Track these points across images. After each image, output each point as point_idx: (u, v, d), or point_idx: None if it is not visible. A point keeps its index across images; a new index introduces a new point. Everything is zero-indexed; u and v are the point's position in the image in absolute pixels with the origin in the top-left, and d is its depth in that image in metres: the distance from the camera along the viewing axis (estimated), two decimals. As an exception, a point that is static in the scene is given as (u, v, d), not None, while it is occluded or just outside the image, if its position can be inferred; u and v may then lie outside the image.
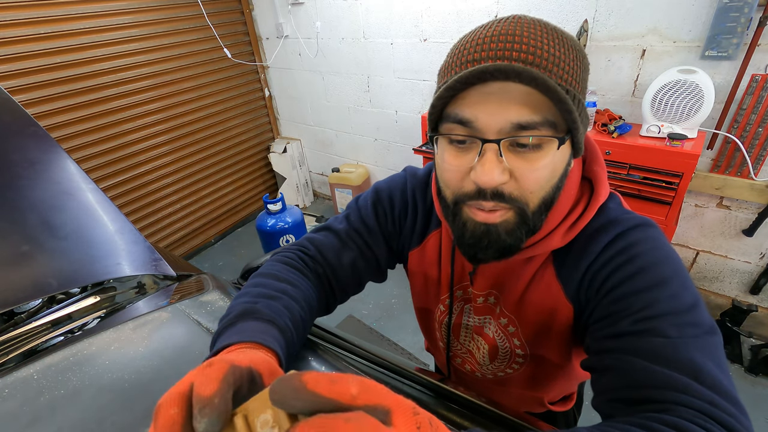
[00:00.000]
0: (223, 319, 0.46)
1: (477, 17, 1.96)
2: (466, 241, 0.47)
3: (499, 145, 0.41)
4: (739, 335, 1.78)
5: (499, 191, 0.43)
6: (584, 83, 0.43)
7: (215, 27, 2.56)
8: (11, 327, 0.70)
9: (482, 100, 0.40)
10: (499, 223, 0.45)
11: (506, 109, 0.40)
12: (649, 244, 0.45)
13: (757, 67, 1.42)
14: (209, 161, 2.85)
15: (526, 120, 0.39)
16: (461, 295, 0.63)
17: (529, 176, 0.42)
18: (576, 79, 0.41)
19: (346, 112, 2.79)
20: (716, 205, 1.73)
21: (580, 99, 0.42)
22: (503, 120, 0.40)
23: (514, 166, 0.42)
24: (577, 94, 0.41)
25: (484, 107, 0.40)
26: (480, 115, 0.41)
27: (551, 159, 0.42)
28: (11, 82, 1.89)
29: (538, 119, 0.40)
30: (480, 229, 0.46)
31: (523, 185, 0.43)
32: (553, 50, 0.40)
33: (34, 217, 0.78)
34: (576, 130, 0.41)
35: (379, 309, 2.23)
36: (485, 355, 0.65)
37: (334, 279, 0.62)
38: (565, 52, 0.40)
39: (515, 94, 0.39)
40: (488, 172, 0.41)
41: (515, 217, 0.45)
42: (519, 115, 0.39)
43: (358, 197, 0.67)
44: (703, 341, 0.40)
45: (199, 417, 0.23)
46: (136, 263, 0.80)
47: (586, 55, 0.45)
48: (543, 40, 0.40)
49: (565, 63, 0.40)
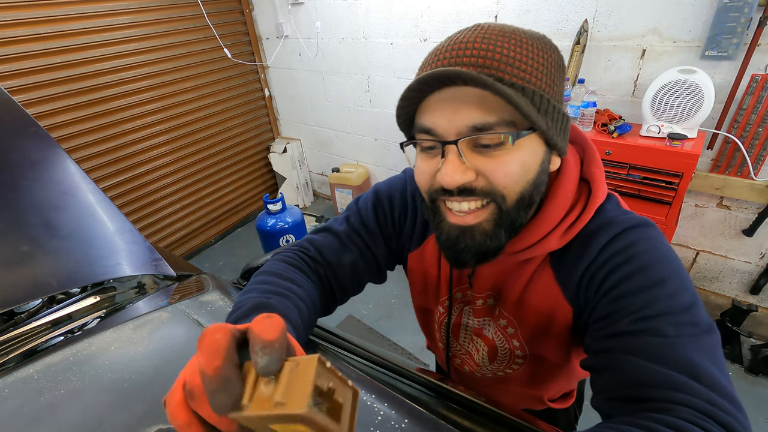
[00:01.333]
0: (233, 312, 0.46)
1: (477, 17, 1.96)
2: (443, 243, 0.48)
3: (457, 146, 0.42)
4: (739, 335, 1.78)
5: (468, 188, 0.44)
6: (552, 79, 0.43)
7: (215, 27, 2.56)
8: (11, 327, 0.70)
9: (439, 107, 0.43)
10: (474, 225, 0.45)
11: (461, 112, 0.41)
12: (648, 243, 0.45)
13: (757, 67, 1.42)
14: (209, 161, 2.85)
15: (480, 122, 0.41)
16: (461, 297, 0.63)
17: (497, 173, 0.43)
18: (538, 76, 0.42)
19: (346, 112, 2.79)
20: (716, 205, 1.73)
21: (543, 95, 0.42)
22: (460, 123, 0.42)
23: (480, 165, 0.43)
24: (539, 91, 0.41)
25: (441, 113, 0.43)
26: (438, 120, 0.43)
27: (517, 155, 0.43)
28: (11, 82, 1.89)
29: (493, 120, 0.41)
30: (455, 232, 0.46)
31: (493, 182, 0.44)
32: (507, 51, 0.41)
33: (34, 217, 0.78)
34: (538, 126, 0.41)
35: (379, 309, 2.23)
36: (484, 356, 0.65)
37: (334, 280, 0.62)
38: (523, 51, 0.41)
39: (469, 98, 0.41)
40: (449, 173, 0.42)
41: (491, 216, 0.45)
42: (473, 118, 0.41)
43: (358, 199, 0.67)
44: (701, 340, 0.40)
45: (261, 353, 0.23)
46: (136, 263, 0.80)
47: (557, 50, 0.45)
48: (497, 43, 0.41)
49: (522, 62, 0.41)
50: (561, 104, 0.45)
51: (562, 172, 0.51)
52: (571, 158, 0.52)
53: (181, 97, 2.57)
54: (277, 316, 0.25)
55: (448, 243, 0.47)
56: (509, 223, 0.46)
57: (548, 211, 0.49)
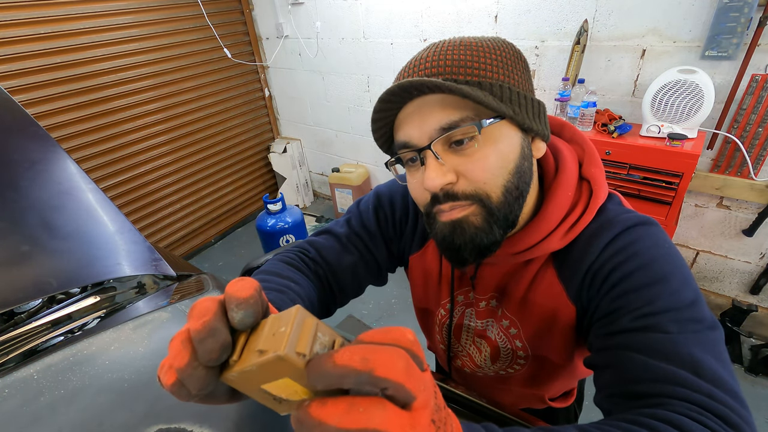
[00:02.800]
0: None
1: (477, 17, 1.96)
2: (441, 245, 0.49)
3: (431, 150, 0.44)
4: (739, 335, 1.78)
5: (450, 192, 0.45)
6: (510, 71, 0.45)
7: (215, 27, 2.56)
8: (11, 327, 0.70)
9: (408, 119, 0.45)
10: (462, 218, 0.45)
11: (428, 119, 0.44)
12: (650, 241, 0.45)
13: (757, 67, 1.42)
14: (209, 161, 2.85)
15: (446, 121, 0.43)
16: (462, 299, 0.63)
17: (475, 168, 0.44)
18: (493, 70, 0.43)
19: (346, 112, 2.79)
20: (716, 205, 1.73)
21: (502, 85, 0.44)
22: (429, 129, 0.44)
23: (457, 165, 0.45)
24: (497, 82, 0.43)
25: (411, 124, 0.45)
26: (410, 131, 0.45)
27: (493, 148, 0.44)
28: (11, 82, 1.89)
29: (457, 117, 0.43)
30: (447, 229, 0.47)
31: (473, 178, 0.44)
32: (457, 56, 0.43)
33: (34, 217, 0.77)
34: (502, 112, 0.43)
35: (379, 309, 2.23)
36: (486, 357, 0.65)
37: (334, 281, 0.62)
38: (473, 53, 0.44)
39: (432, 103, 0.44)
40: (431, 176, 0.44)
41: (480, 211, 0.45)
42: (440, 120, 0.43)
43: (359, 201, 0.67)
44: (703, 336, 0.40)
45: (236, 310, 0.24)
46: (136, 263, 0.80)
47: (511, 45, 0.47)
48: (448, 51, 0.44)
49: (473, 61, 0.43)
50: (528, 92, 0.46)
51: (561, 171, 0.51)
52: (569, 158, 0.52)
53: (181, 97, 2.57)
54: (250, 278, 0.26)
55: (445, 243, 0.47)
56: (503, 218, 0.46)
57: (548, 212, 0.49)
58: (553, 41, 1.79)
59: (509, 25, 1.88)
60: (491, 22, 1.93)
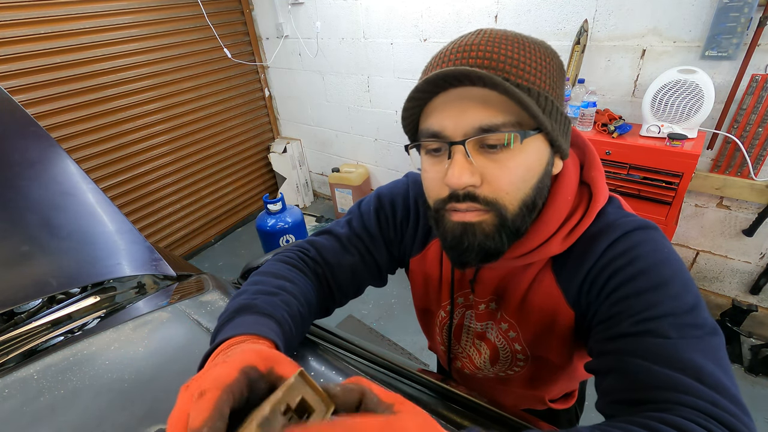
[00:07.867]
0: (222, 315, 0.47)
1: (477, 17, 1.96)
2: (447, 243, 0.48)
3: (464, 146, 0.42)
4: (739, 335, 1.78)
5: (471, 194, 0.44)
6: (554, 82, 0.44)
7: (215, 27, 2.56)
8: (11, 327, 0.70)
9: (445, 108, 0.43)
10: (476, 222, 0.45)
11: (468, 113, 0.41)
12: (650, 246, 0.45)
13: (757, 67, 1.42)
14: (209, 161, 2.85)
15: (487, 123, 0.41)
16: (462, 302, 0.63)
17: (502, 177, 0.43)
18: (541, 78, 0.42)
19: (346, 112, 2.79)
20: (716, 205, 1.73)
21: (548, 96, 0.42)
22: (466, 124, 0.42)
23: (485, 168, 0.43)
24: (543, 92, 0.42)
25: (448, 114, 0.42)
26: (445, 122, 0.43)
27: (523, 158, 0.43)
28: (11, 82, 1.89)
29: (499, 121, 0.41)
30: (458, 229, 0.46)
31: (496, 186, 0.43)
32: (511, 53, 0.41)
33: (34, 217, 0.78)
34: (544, 126, 0.41)
35: (379, 309, 2.23)
36: (486, 360, 0.65)
37: (334, 281, 0.62)
38: (526, 54, 0.42)
39: (475, 99, 0.41)
40: (456, 174, 0.42)
41: (494, 220, 0.45)
42: (481, 119, 0.41)
43: (361, 202, 0.67)
44: (704, 342, 0.40)
45: None
46: (136, 263, 0.80)
47: (558, 56, 0.46)
48: (501, 45, 0.41)
49: (526, 64, 0.41)
50: (563, 107, 0.45)
51: (561, 176, 0.51)
52: (570, 162, 0.52)
53: (181, 97, 2.57)
54: (210, 391, 0.27)
55: (453, 242, 0.47)
56: (514, 230, 0.46)
57: (548, 216, 0.49)
58: (553, 41, 1.78)
59: (509, 25, 1.88)
60: (491, 22, 1.93)
